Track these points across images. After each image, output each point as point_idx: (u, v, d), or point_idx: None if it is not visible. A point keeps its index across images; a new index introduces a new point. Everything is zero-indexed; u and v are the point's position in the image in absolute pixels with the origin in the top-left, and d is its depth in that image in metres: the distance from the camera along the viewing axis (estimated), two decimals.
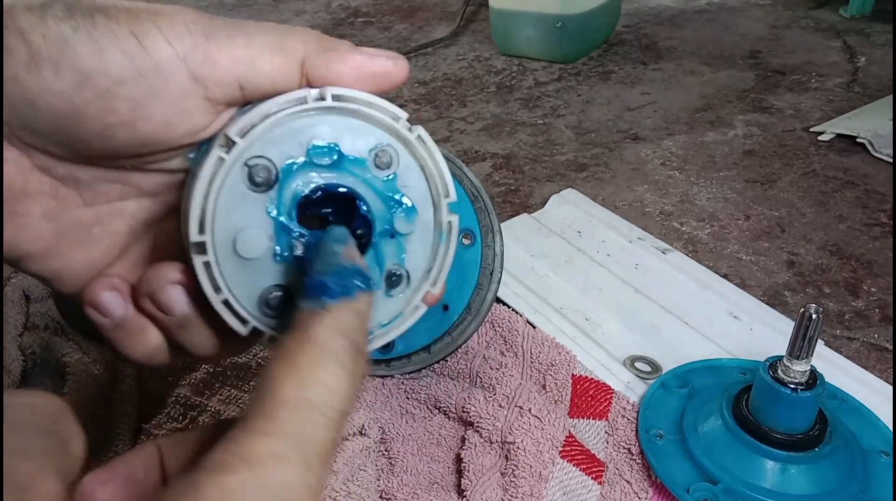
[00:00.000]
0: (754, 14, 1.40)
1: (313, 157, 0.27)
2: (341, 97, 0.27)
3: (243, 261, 0.27)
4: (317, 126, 0.27)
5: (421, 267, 0.30)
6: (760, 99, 1.05)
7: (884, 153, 0.86)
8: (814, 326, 0.44)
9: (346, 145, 0.28)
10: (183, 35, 0.25)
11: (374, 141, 0.28)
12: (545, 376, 0.56)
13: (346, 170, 0.28)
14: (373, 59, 0.28)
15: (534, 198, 0.84)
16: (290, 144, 0.27)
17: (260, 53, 0.26)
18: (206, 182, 0.26)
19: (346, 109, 0.27)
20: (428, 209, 0.30)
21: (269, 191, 0.27)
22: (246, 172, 0.26)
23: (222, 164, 0.26)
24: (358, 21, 1.50)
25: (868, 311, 0.64)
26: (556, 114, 1.05)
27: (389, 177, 0.29)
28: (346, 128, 0.28)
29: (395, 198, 0.29)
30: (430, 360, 0.56)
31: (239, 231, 0.26)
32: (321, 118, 0.27)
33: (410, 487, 0.49)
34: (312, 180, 0.27)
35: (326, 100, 0.27)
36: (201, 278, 0.26)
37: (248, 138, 0.26)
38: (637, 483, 0.49)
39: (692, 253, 0.73)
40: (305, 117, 0.27)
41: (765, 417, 0.47)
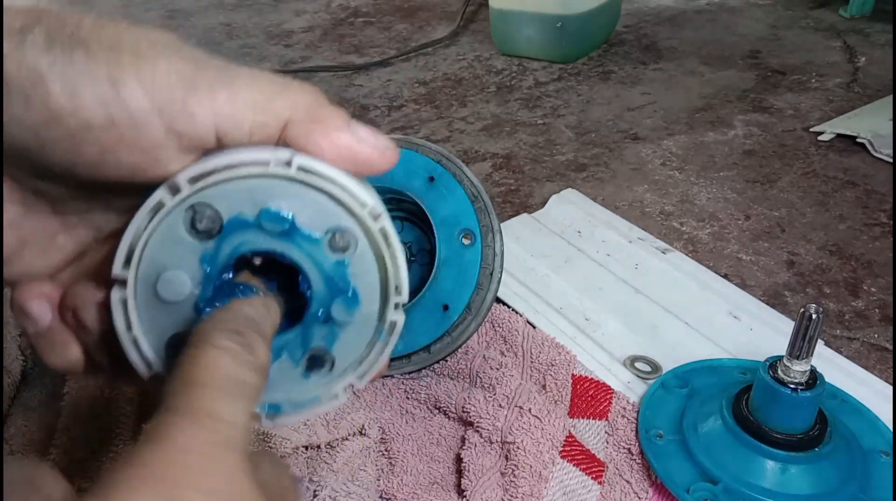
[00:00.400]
0: (754, 14, 1.40)
1: (264, 221, 0.26)
2: (309, 170, 0.25)
3: (162, 303, 0.26)
4: (276, 191, 0.26)
5: (351, 357, 0.28)
6: (760, 99, 1.05)
7: (884, 153, 0.86)
8: (814, 326, 0.44)
9: (301, 219, 0.26)
10: (163, 86, 0.23)
11: (333, 222, 0.26)
12: (545, 376, 0.56)
13: (295, 243, 0.26)
14: (360, 144, 0.26)
15: (534, 198, 0.84)
16: (243, 201, 0.25)
17: (242, 110, 0.25)
18: (142, 222, 0.25)
19: (309, 184, 0.26)
20: (374, 303, 0.28)
21: (208, 241, 0.26)
22: (189, 216, 0.25)
23: (161, 208, 0.25)
24: (358, 21, 1.50)
25: (868, 311, 0.64)
26: (556, 114, 1.05)
27: (341, 261, 0.27)
28: (306, 201, 0.26)
29: (340, 285, 0.27)
30: (430, 360, 0.56)
31: (164, 271, 0.26)
32: (283, 186, 0.26)
33: (410, 487, 0.49)
34: (256, 243, 0.26)
35: (291, 170, 0.25)
36: (115, 313, 0.26)
37: (196, 186, 0.25)
38: (637, 483, 0.49)
39: (692, 253, 0.73)
40: (267, 180, 0.25)
41: (765, 417, 0.47)
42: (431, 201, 0.56)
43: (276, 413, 0.28)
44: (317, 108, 0.26)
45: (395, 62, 1.27)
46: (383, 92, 1.16)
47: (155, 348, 0.26)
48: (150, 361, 0.26)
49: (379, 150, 0.27)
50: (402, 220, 0.61)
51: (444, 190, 0.56)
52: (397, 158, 0.27)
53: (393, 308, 0.28)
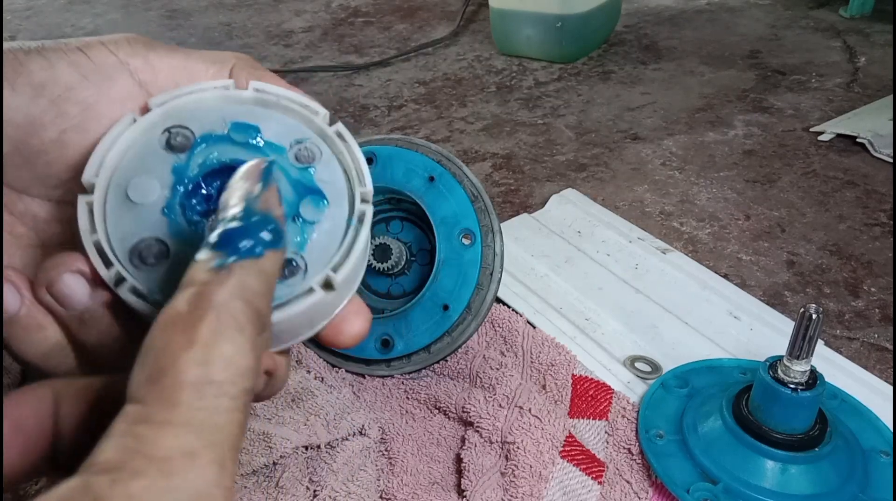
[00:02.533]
0: (754, 14, 1.40)
1: (233, 133, 0.28)
2: (263, 90, 0.29)
3: (130, 205, 0.26)
4: (241, 112, 0.28)
5: (325, 259, 0.27)
6: (760, 99, 1.05)
7: (884, 153, 0.86)
8: (814, 326, 0.44)
9: (267, 132, 0.28)
10: (125, 46, 0.27)
11: (295, 134, 0.29)
12: (545, 376, 0.56)
13: (263, 152, 0.28)
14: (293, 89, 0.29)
15: (534, 198, 0.84)
16: (213, 120, 0.28)
17: (196, 63, 0.28)
18: (113, 135, 0.26)
19: (266, 101, 0.29)
20: (342, 206, 0.28)
21: (181, 154, 0.27)
22: (165, 138, 0.27)
23: (133, 123, 0.27)
24: (358, 21, 1.50)
25: (868, 311, 0.64)
26: (556, 114, 1.05)
27: (306, 167, 0.28)
28: (268, 117, 0.28)
29: (307, 185, 0.28)
30: (430, 360, 0.56)
31: (135, 176, 0.26)
32: (246, 107, 0.28)
33: (410, 487, 0.49)
34: (226, 154, 0.27)
35: (248, 90, 0.28)
36: (80, 215, 0.26)
37: (165, 107, 0.27)
38: (637, 483, 0.49)
39: (692, 253, 0.73)
40: (231, 104, 0.28)
41: (765, 417, 0.47)
42: (431, 200, 0.56)
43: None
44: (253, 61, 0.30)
45: (395, 62, 1.27)
46: (383, 92, 1.16)
47: (120, 254, 0.25)
48: (111, 261, 0.25)
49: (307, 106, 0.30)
50: (402, 220, 0.61)
51: (444, 190, 0.56)
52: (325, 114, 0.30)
53: (360, 201, 0.28)
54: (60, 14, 1.67)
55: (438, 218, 0.56)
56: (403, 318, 0.56)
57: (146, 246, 0.26)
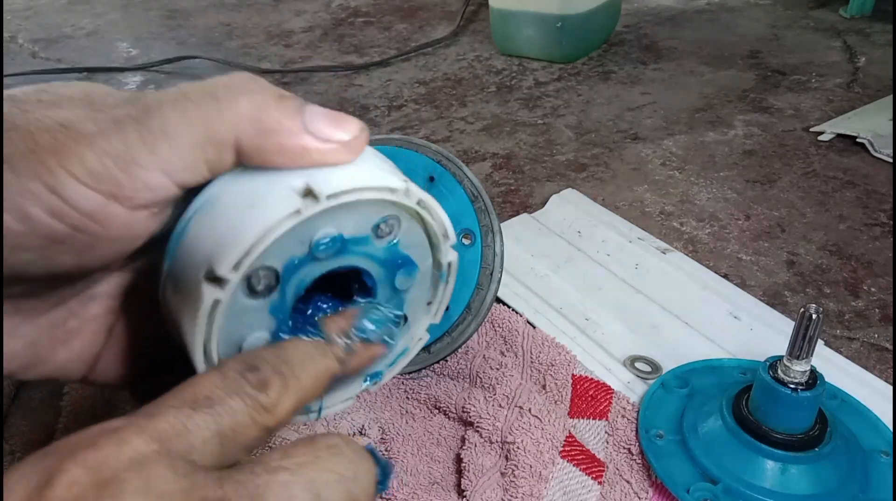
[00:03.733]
0: (754, 14, 1.40)
1: (317, 252, 0.25)
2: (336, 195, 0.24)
3: None
4: (316, 225, 0.25)
5: (421, 307, 0.31)
6: (760, 99, 1.05)
7: (884, 153, 0.86)
8: (814, 326, 0.44)
9: (348, 231, 0.26)
10: (103, 175, 0.21)
11: (375, 217, 0.27)
12: (545, 376, 0.56)
13: (349, 253, 0.26)
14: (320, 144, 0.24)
15: (534, 198, 0.84)
16: (292, 247, 0.25)
17: (191, 154, 0.23)
18: (204, 324, 0.23)
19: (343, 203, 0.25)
20: (427, 257, 0.30)
21: (271, 294, 0.25)
22: (245, 285, 0.24)
23: (219, 304, 0.23)
24: (358, 21, 1.50)
25: (868, 311, 0.64)
26: (556, 114, 1.05)
27: (392, 243, 0.28)
28: (347, 216, 0.26)
29: (396, 260, 0.28)
30: (430, 360, 0.56)
31: (243, 340, 0.25)
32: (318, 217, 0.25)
33: (410, 487, 0.49)
34: (314, 272, 0.26)
35: (320, 202, 0.24)
36: None
37: (243, 266, 0.23)
38: (637, 483, 0.49)
39: (692, 253, 0.73)
40: (302, 222, 0.24)
41: (765, 417, 0.47)
42: None
43: (378, 380, 0.31)
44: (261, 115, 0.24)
45: (395, 62, 1.27)
46: (383, 92, 1.16)
47: None
48: None
49: (345, 141, 0.25)
50: None
51: (444, 190, 0.56)
52: (366, 140, 0.26)
53: (446, 253, 0.30)
54: (60, 14, 1.67)
55: None
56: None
57: None
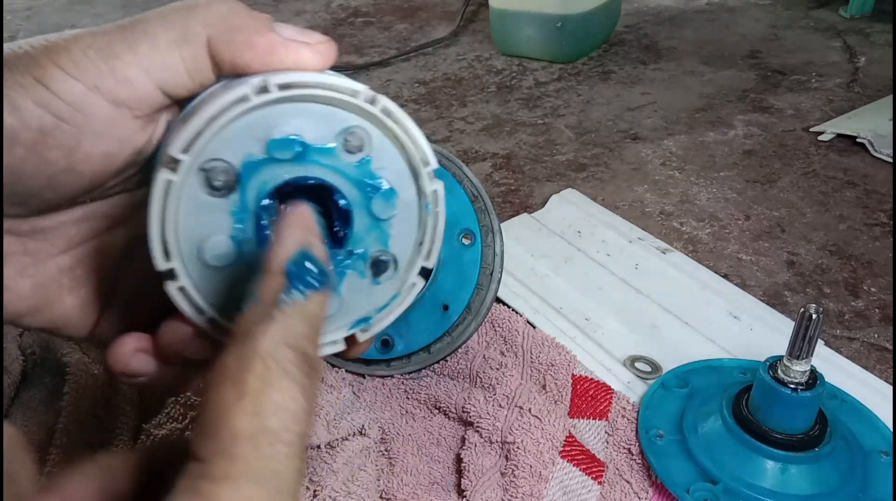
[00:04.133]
0: (754, 14, 1.40)
1: (274, 152, 0.25)
2: (289, 85, 0.24)
3: (216, 270, 0.25)
4: (272, 118, 0.24)
5: (409, 246, 0.28)
6: (760, 99, 1.05)
7: (884, 153, 0.86)
8: (814, 326, 0.44)
9: (308, 135, 0.25)
10: (87, 66, 0.23)
11: (339, 125, 0.25)
12: (545, 376, 0.56)
13: (313, 161, 0.25)
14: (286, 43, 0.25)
15: (534, 198, 0.84)
16: (247, 142, 0.24)
17: (168, 53, 0.24)
18: (159, 208, 0.24)
19: (297, 97, 0.24)
20: (409, 187, 0.27)
21: (231, 194, 0.25)
22: (203, 178, 0.24)
23: (171, 185, 0.24)
24: (358, 21, 1.50)
25: (868, 311, 0.64)
26: (556, 114, 1.05)
27: (363, 160, 0.26)
28: (305, 115, 0.25)
29: (371, 183, 0.26)
30: (430, 360, 0.56)
31: (204, 241, 0.25)
32: (275, 109, 0.24)
33: (410, 487, 0.49)
34: (277, 176, 0.25)
35: (271, 92, 0.24)
36: (180, 304, 0.25)
37: (194, 150, 0.24)
38: (637, 483, 0.49)
39: (692, 253, 0.73)
40: (256, 111, 0.24)
41: (765, 417, 0.47)
42: None
43: (367, 325, 0.28)
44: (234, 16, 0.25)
45: (395, 62, 1.27)
46: (383, 92, 1.15)
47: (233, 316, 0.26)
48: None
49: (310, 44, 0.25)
50: None
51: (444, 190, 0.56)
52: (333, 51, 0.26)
53: (428, 180, 0.27)
54: (61, 14, 1.67)
55: None
56: (403, 318, 0.55)
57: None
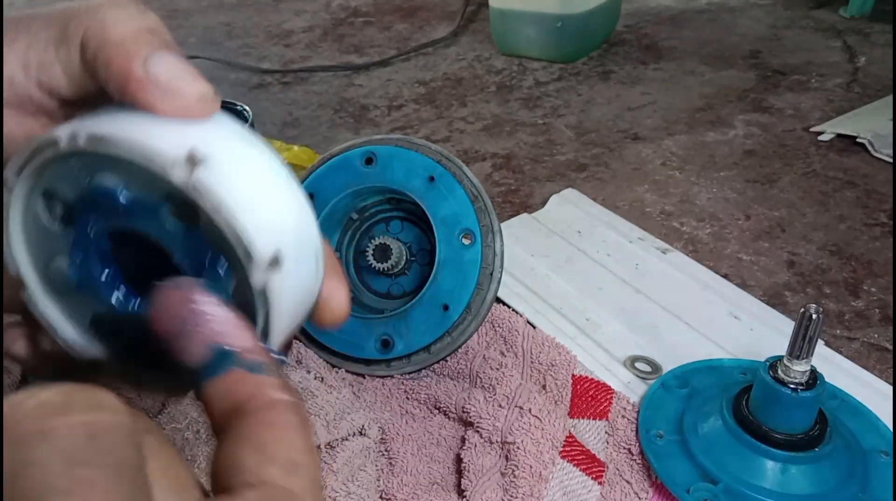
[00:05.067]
0: (754, 14, 1.40)
1: (99, 197, 0.23)
2: (101, 139, 0.22)
3: (65, 291, 0.26)
4: (97, 165, 0.23)
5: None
6: (760, 99, 1.05)
7: (884, 153, 0.86)
8: (814, 326, 0.44)
9: (133, 188, 0.23)
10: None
11: (166, 188, 0.22)
12: (545, 376, 0.56)
13: (137, 216, 0.23)
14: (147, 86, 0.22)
15: (534, 198, 0.84)
16: (77, 181, 0.23)
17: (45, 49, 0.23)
18: (9, 227, 0.25)
19: (107, 155, 0.22)
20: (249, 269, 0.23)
21: (69, 227, 0.25)
22: (44, 203, 0.25)
23: (11, 199, 0.24)
24: (358, 21, 1.50)
25: (868, 311, 0.64)
26: (556, 114, 1.05)
27: (193, 228, 0.23)
28: (133, 171, 0.22)
29: (202, 261, 0.23)
30: (430, 360, 0.56)
31: (49, 263, 0.25)
32: (98, 158, 0.22)
33: (410, 487, 0.49)
34: (108, 219, 0.24)
35: (77, 141, 0.22)
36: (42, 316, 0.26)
37: (25, 174, 0.23)
38: (637, 483, 0.49)
39: (692, 253, 0.73)
40: (79, 155, 0.23)
41: (765, 417, 0.47)
42: (431, 200, 0.56)
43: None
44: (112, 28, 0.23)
45: (395, 62, 1.27)
46: (383, 92, 1.16)
47: (81, 332, 0.26)
48: (83, 347, 0.26)
49: (180, 98, 0.22)
50: (401, 220, 0.61)
51: (444, 190, 0.56)
52: (209, 110, 0.23)
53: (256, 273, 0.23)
54: None
55: (438, 218, 0.56)
56: (403, 318, 0.56)
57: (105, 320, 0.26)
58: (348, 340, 0.57)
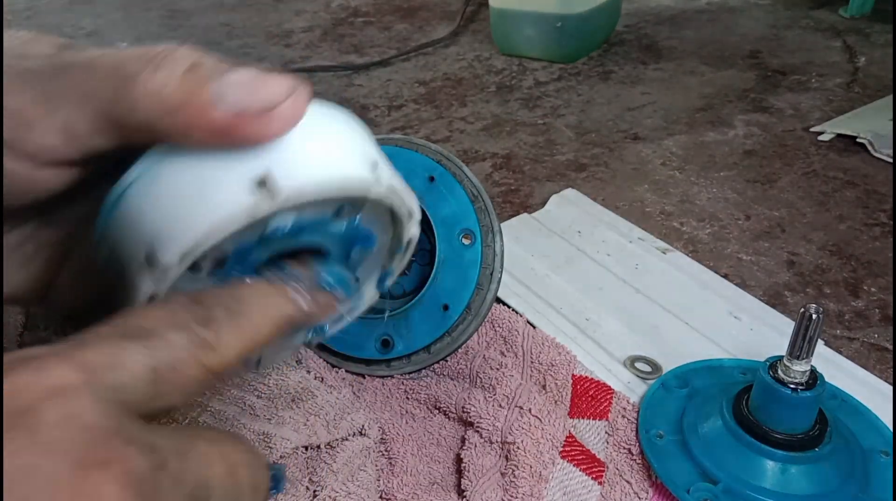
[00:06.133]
0: (754, 14, 1.40)
1: (271, 240, 0.23)
2: (296, 193, 0.21)
3: None
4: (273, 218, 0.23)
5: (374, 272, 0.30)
6: (760, 99, 1.05)
7: (884, 153, 0.86)
8: (814, 326, 0.44)
9: (307, 217, 0.24)
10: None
11: (338, 204, 0.24)
12: (545, 376, 0.56)
13: (305, 234, 0.24)
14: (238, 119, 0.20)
15: (534, 198, 0.84)
16: (245, 235, 0.23)
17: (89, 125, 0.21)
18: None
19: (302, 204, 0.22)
20: (387, 232, 0.28)
21: (216, 272, 0.23)
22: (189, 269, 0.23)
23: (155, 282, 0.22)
24: (358, 21, 1.50)
25: (868, 311, 0.64)
26: (556, 114, 1.05)
27: (350, 220, 0.25)
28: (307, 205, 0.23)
29: (356, 237, 0.26)
30: (430, 360, 0.56)
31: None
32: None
33: (410, 487, 0.49)
34: (267, 252, 0.24)
35: (276, 200, 0.21)
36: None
37: (187, 260, 0.21)
38: (637, 483, 0.49)
39: (692, 253, 0.73)
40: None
41: (765, 417, 0.47)
42: (431, 200, 0.56)
43: (321, 332, 0.28)
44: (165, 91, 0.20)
45: (395, 62, 1.27)
46: (383, 92, 1.16)
47: None
48: None
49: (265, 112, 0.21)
50: None
51: (444, 190, 0.56)
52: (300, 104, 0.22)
53: (410, 229, 0.28)
54: (61, 14, 1.67)
55: (438, 218, 0.56)
56: (403, 318, 0.56)
57: None
58: (348, 340, 0.57)
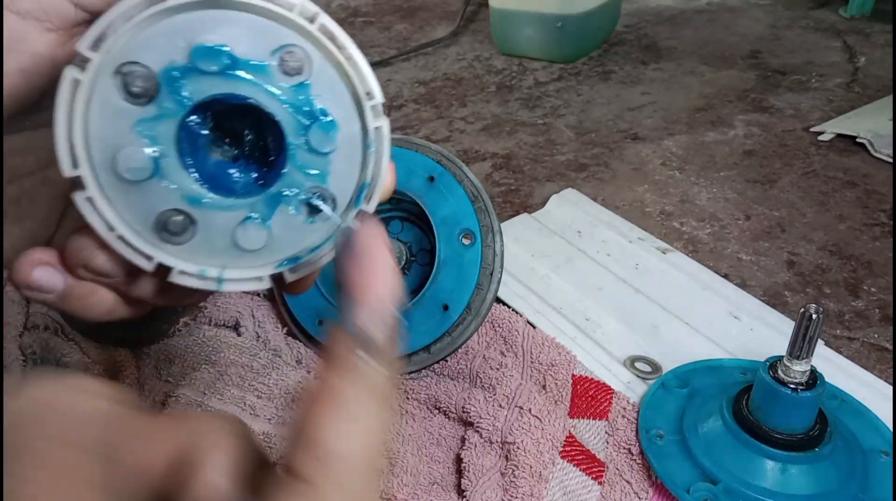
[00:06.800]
0: (754, 14, 1.40)
1: (198, 61, 0.22)
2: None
3: (130, 185, 0.23)
4: (198, 24, 0.22)
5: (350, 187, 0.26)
6: (760, 99, 1.05)
7: (884, 153, 0.86)
8: (814, 326, 0.44)
9: (239, 47, 0.22)
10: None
11: (274, 41, 0.22)
12: (545, 376, 0.56)
13: (243, 78, 0.23)
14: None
15: (534, 198, 0.84)
16: (168, 47, 0.22)
17: None
18: (66, 109, 0.22)
19: (224, 2, 0.22)
20: (353, 121, 0.25)
21: (150, 103, 0.22)
22: (119, 81, 0.22)
23: (79, 85, 0.22)
24: (358, 21, 1.50)
25: (868, 311, 0.64)
26: (556, 114, 1.05)
27: (301, 85, 0.23)
28: (235, 24, 0.22)
29: (308, 110, 0.24)
30: (430, 360, 0.56)
31: (118, 151, 0.22)
32: (201, 14, 0.22)
33: (410, 487, 0.49)
34: (202, 90, 0.22)
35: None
36: (88, 216, 0.23)
37: (104, 48, 0.21)
38: (637, 483, 0.49)
39: (692, 253, 0.73)
40: (182, 14, 0.22)
41: (765, 417, 0.47)
42: (431, 200, 0.56)
43: (295, 265, 0.26)
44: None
45: (395, 62, 1.27)
46: (383, 92, 1.16)
47: (145, 236, 0.24)
48: (148, 254, 0.24)
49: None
50: (402, 220, 0.61)
51: (444, 190, 0.56)
52: None
53: (371, 115, 0.25)
54: None
55: (438, 218, 0.56)
56: (403, 318, 0.56)
57: (169, 220, 0.24)
58: None
